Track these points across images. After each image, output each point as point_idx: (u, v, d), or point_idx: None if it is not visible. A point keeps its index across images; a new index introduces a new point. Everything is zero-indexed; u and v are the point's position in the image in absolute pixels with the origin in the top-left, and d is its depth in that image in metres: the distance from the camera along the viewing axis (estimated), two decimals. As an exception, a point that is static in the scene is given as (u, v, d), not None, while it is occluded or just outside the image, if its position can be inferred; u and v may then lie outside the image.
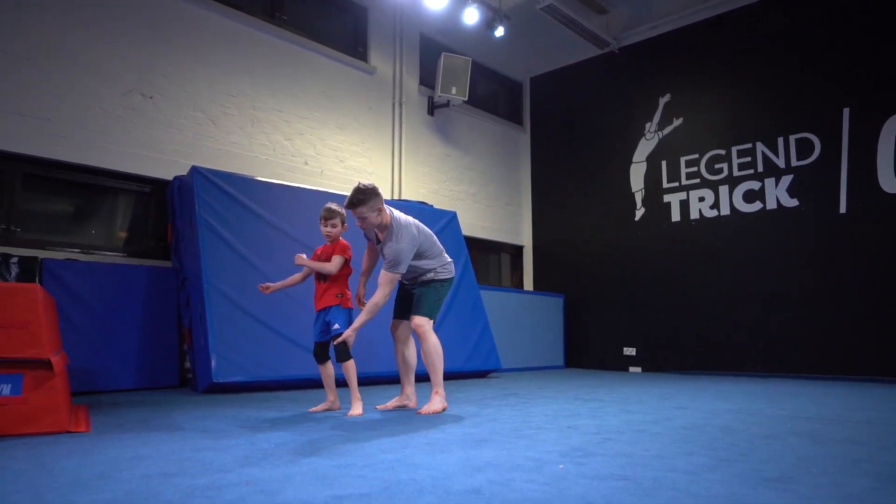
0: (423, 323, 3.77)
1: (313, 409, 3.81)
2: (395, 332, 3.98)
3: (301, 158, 6.84)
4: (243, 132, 6.36)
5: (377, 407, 3.96)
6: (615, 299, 8.57)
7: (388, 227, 3.69)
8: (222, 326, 4.92)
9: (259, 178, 5.87)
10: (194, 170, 5.38)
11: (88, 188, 5.49)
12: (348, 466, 2.11)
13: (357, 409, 3.68)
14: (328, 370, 3.89)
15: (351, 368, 3.76)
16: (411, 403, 4.00)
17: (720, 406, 4.04)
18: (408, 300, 3.91)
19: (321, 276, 3.83)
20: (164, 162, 5.72)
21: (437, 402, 3.76)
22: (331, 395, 3.86)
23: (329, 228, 3.82)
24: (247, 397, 4.51)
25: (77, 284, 4.92)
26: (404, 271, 3.69)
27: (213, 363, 4.72)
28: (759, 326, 7.23)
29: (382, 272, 3.66)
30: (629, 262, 8.45)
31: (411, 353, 4.02)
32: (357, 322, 3.62)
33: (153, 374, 5.18)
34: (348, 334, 3.60)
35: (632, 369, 8.24)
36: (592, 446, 2.52)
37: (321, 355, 3.86)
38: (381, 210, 3.67)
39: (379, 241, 3.81)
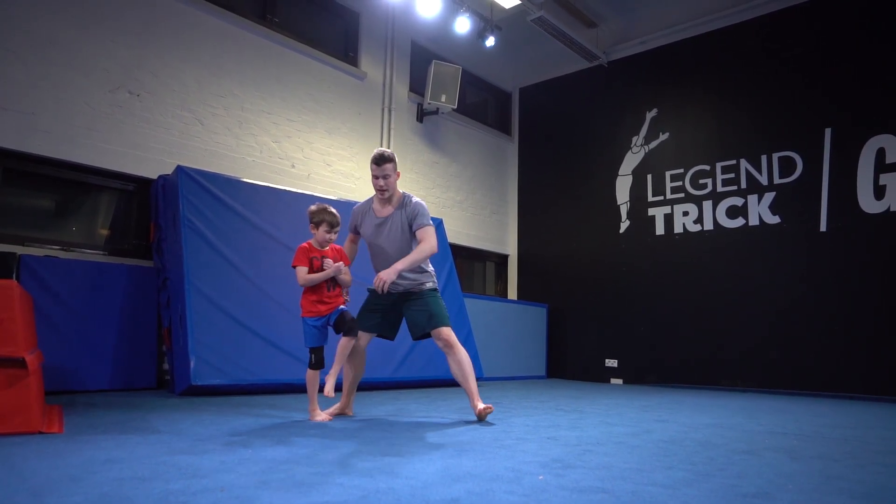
0: (452, 333, 3.70)
1: (314, 418, 3.67)
2: (357, 342, 3.76)
3: (288, 161, 6.81)
4: (230, 133, 6.32)
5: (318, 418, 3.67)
6: (598, 311, 8.61)
7: (400, 199, 3.74)
8: (202, 328, 4.86)
9: (245, 180, 5.83)
10: (179, 169, 5.33)
11: (70, 184, 5.42)
12: (326, 474, 2.09)
13: (322, 415, 3.63)
14: (318, 378, 3.77)
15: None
16: (350, 413, 3.92)
17: (699, 420, 4.06)
18: (384, 315, 3.77)
19: (330, 284, 3.69)
20: (150, 160, 5.66)
21: (483, 404, 3.67)
22: (317, 402, 3.75)
23: (332, 237, 3.77)
24: (225, 401, 4.46)
25: (55, 282, 4.84)
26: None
27: (192, 365, 4.66)
28: (740, 341, 7.30)
29: (423, 228, 3.63)
30: (613, 274, 8.50)
31: (362, 366, 3.91)
32: (401, 264, 3.54)
33: (130, 374, 5.10)
34: (390, 275, 3.48)
35: (613, 381, 8.27)
36: (572, 458, 2.52)
37: (323, 361, 3.68)
38: (398, 177, 3.76)
39: (376, 219, 3.74)
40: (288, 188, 6.16)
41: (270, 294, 5.39)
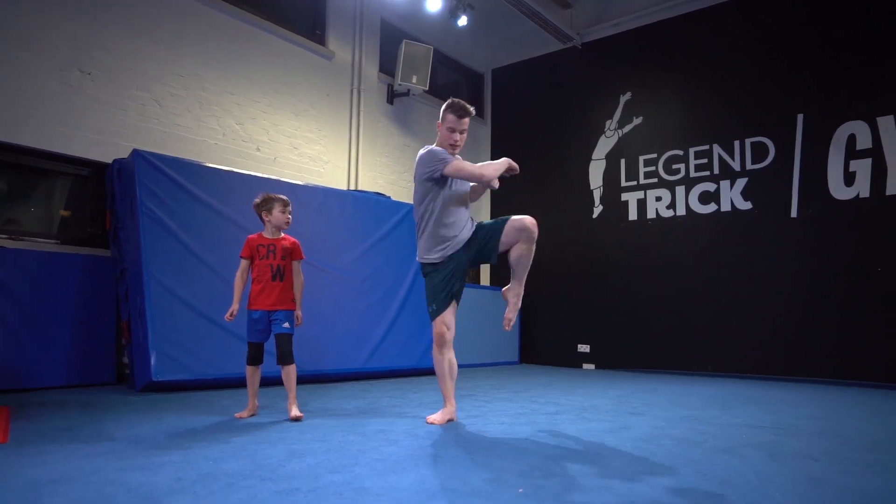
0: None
1: (239, 414, 3.57)
2: (445, 332, 3.42)
3: (253, 144, 6.54)
4: (191, 115, 6.02)
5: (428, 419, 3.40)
6: (570, 296, 8.56)
7: None
8: (163, 321, 4.64)
9: (207, 164, 5.56)
10: (136, 153, 5.04)
11: (19, 169, 5.09)
12: (293, 492, 1.95)
13: (297, 410, 3.51)
14: (258, 374, 3.66)
15: (294, 372, 3.61)
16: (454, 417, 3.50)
17: (675, 412, 4.02)
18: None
19: (277, 274, 3.62)
20: (104, 144, 5.35)
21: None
22: (254, 400, 3.64)
23: (288, 216, 3.68)
24: (187, 397, 4.27)
25: (3, 273, 4.55)
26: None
27: (153, 361, 4.45)
28: (710, 327, 7.33)
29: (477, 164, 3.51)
30: (586, 259, 8.45)
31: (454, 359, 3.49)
32: (494, 168, 3.44)
33: (87, 370, 4.86)
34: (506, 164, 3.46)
35: (585, 366, 8.27)
36: (551, 464, 2.42)
37: (258, 356, 3.65)
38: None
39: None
40: (253, 172, 5.91)
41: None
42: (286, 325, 3.57)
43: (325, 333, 5.52)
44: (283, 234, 3.74)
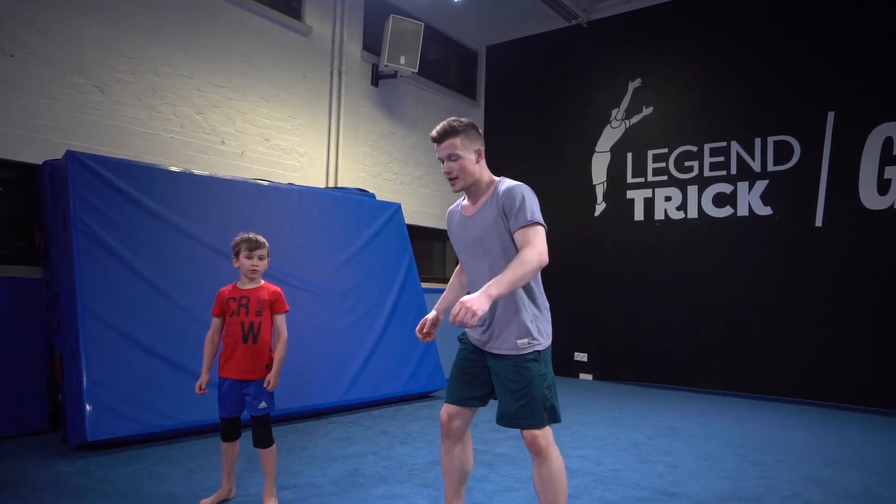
0: (541, 435, 2.30)
1: (204, 501, 2.94)
2: (447, 421, 2.52)
3: (217, 137, 5.68)
4: (141, 103, 5.14)
5: None
6: (567, 300, 7.90)
7: (492, 187, 2.40)
8: (101, 365, 3.88)
9: (155, 165, 4.73)
10: (69, 155, 4.20)
11: (-75, 172, 4.24)
12: None
13: (274, 501, 2.94)
14: (234, 451, 3.03)
15: (274, 454, 2.97)
16: None
17: (712, 490, 3.40)
18: (476, 376, 2.49)
19: (249, 334, 2.94)
20: (33, 141, 4.49)
21: None
22: (228, 481, 3.03)
23: (256, 261, 2.97)
24: (131, 462, 3.55)
25: None
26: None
27: (88, 416, 3.71)
28: (720, 340, 6.76)
29: (526, 228, 2.33)
30: (585, 261, 7.79)
31: (468, 455, 2.58)
32: (495, 286, 2.10)
33: (13, 417, 4.09)
34: (479, 303, 2.00)
35: (582, 376, 7.69)
36: None
37: (232, 433, 3.01)
38: (480, 156, 2.40)
39: (461, 219, 2.48)
40: (214, 173, 5.09)
41: (193, 311, 4.40)
42: (262, 404, 2.92)
43: (299, 364, 4.80)
44: (262, 282, 3.04)
